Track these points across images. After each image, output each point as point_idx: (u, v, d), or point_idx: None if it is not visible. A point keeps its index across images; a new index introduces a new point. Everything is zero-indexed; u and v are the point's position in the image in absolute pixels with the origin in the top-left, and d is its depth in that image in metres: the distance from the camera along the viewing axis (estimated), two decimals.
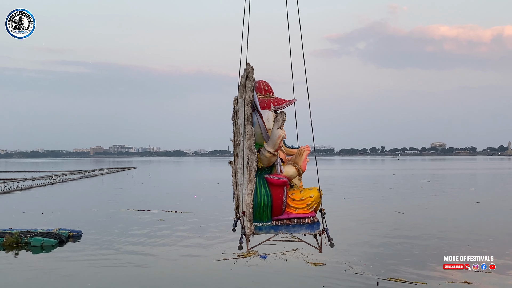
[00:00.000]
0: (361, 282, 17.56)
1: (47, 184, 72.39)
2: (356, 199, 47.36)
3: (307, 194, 7.22)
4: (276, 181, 7.05)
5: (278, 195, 7.04)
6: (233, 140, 8.18)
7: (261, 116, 7.19)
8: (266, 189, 7.03)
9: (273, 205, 7.03)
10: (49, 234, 25.50)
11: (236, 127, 7.87)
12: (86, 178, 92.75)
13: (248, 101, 6.86)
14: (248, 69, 7.04)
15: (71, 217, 35.44)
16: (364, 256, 21.64)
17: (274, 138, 6.92)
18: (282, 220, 7.14)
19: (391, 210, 37.98)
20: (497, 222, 31.55)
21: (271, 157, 7.02)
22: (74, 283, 18.10)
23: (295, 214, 7.15)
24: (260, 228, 7.07)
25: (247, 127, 6.80)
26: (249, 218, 6.83)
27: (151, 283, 17.80)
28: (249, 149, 6.76)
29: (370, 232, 28.12)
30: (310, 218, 7.18)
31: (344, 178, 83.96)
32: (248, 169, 6.76)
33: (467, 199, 46.30)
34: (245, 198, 6.88)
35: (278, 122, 6.98)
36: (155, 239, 26.52)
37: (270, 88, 7.80)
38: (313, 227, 7.19)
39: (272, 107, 7.56)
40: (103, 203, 44.68)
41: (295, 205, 7.16)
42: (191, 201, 45.53)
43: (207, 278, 18.39)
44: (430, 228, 29.27)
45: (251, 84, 6.90)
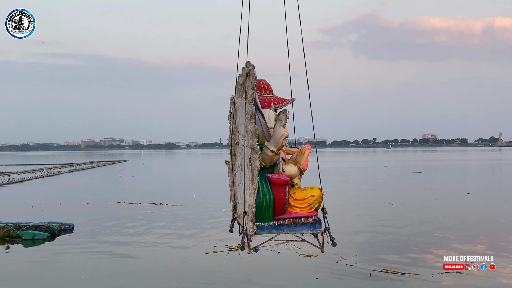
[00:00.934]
0: (354, 273, 17.65)
1: (38, 178, 72.02)
2: (347, 190, 47.52)
3: (308, 193, 7.20)
4: (278, 180, 7.00)
5: (280, 194, 7.00)
6: (231, 139, 8.07)
7: (263, 114, 7.12)
8: (268, 189, 6.97)
9: (275, 205, 6.98)
10: (41, 228, 25.38)
11: (235, 126, 7.77)
12: (77, 171, 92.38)
13: (250, 99, 6.76)
14: (249, 67, 6.95)
15: (62, 210, 35.30)
16: (355, 247, 21.73)
17: (277, 136, 6.88)
18: (284, 219, 7.09)
19: (382, 202, 38.15)
20: (487, 213, 31.81)
21: (273, 156, 6.98)
22: (67, 276, 18.04)
23: (297, 214, 7.12)
24: (262, 228, 7.02)
25: (250, 125, 6.71)
26: (251, 218, 6.76)
27: (144, 276, 17.79)
28: (252, 148, 6.67)
29: (361, 223, 28.25)
30: (312, 218, 7.16)
31: (336, 170, 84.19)
32: (251, 168, 6.68)
33: (458, 190, 46.62)
34: (247, 197, 6.78)
35: (281, 121, 6.93)
36: (147, 231, 26.48)
37: (269, 87, 7.75)
38: (315, 226, 7.18)
39: (272, 105, 7.50)
40: (94, 196, 44.52)
41: (297, 205, 7.13)
42: (182, 194, 45.50)
43: (199, 270, 18.40)
44: (421, 219, 29.46)
45: (253, 82, 6.80)
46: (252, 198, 6.72)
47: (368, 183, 56.32)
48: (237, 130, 7.60)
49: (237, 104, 7.64)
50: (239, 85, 7.51)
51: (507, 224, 27.34)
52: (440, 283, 16.41)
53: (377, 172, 79.41)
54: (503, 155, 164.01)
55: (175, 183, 59.73)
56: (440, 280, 16.59)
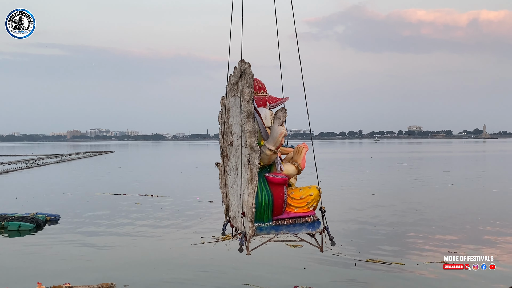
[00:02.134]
0: (340, 263, 17.86)
1: (24, 168, 71.38)
2: (332, 181, 47.85)
3: (307, 193, 7.15)
4: (277, 180, 6.91)
5: (279, 194, 6.91)
6: (222, 141, 7.93)
7: (259, 113, 7.04)
8: (267, 188, 6.88)
9: (274, 205, 6.89)
10: (26, 219, 25.24)
11: (227, 127, 7.62)
12: (63, 162, 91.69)
13: (247, 98, 6.64)
14: (244, 65, 6.83)
15: (48, 201, 35.11)
16: (339, 237, 21.96)
17: (275, 135, 6.80)
18: (282, 220, 7.03)
19: (366, 193, 38.54)
20: (468, 203, 32.30)
21: (271, 155, 6.90)
22: (54, 267, 18.00)
23: (295, 213, 7.05)
24: (261, 228, 6.95)
25: (249, 124, 6.59)
26: (251, 219, 6.68)
27: (131, 267, 17.81)
28: (251, 147, 6.56)
29: (346, 213, 28.51)
30: (310, 217, 7.12)
31: (322, 161, 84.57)
32: (250, 167, 6.57)
33: (441, 181, 47.18)
34: (246, 198, 6.68)
35: (279, 119, 6.86)
36: (133, 223, 26.46)
37: (264, 86, 7.63)
38: (314, 226, 7.12)
39: (268, 105, 7.40)
40: (80, 187, 44.32)
41: (295, 204, 7.07)
42: (168, 186, 45.43)
43: (187, 261, 18.47)
44: (404, 210, 29.85)
45: (250, 80, 6.69)
46: (251, 198, 6.62)
47: (353, 174, 56.72)
48: (230, 130, 7.48)
49: (230, 104, 7.50)
50: (231, 85, 7.41)
51: (488, 214, 27.74)
52: (425, 273, 16.68)
53: (363, 163, 79.96)
54: (487, 147, 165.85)
55: (161, 174, 59.61)
56: (425, 270, 16.87)
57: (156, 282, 15.88)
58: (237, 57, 7.35)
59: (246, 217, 6.75)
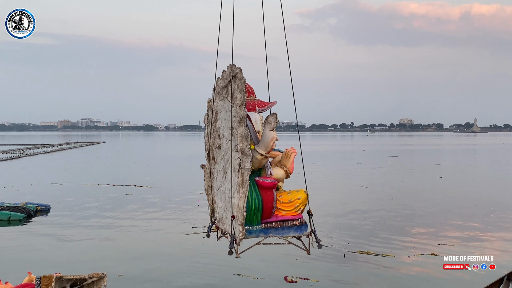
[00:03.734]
0: (331, 254, 17.99)
1: (14, 158, 70.96)
2: (323, 173, 48.05)
3: (295, 196, 7.24)
4: (267, 184, 7.02)
5: (268, 197, 7.01)
6: (208, 143, 7.98)
7: (250, 118, 7.09)
8: (256, 192, 6.98)
9: (264, 208, 7.00)
10: (16, 208, 25.15)
11: (214, 129, 7.67)
12: (53, 152, 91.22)
13: (239, 103, 6.68)
14: (235, 70, 6.85)
15: (38, 191, 34.97)
16: (328, 228, 22.13)
17: (266, 140, 6.89)
18: (271, 223, 7.13)
19: (356, 185, 38.76)
20: (457, 196, 32.63)
21: (262, 159, 6.98)
22: (44, 256, 17.99)
23: (284, 217, 7.16)
24: (250, 232, 7.04)
25: (240, 129, 6.66)
26: (241, 222, 6.77)
27: (123, 256, 17.86)
28: (242, 152, 6.63)
29: (335, 205, 28.69)
30: (298, 220, 7.21)
31: (314, 153, 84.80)
32: (241, 171, 6.64)
33: (432, 174, 47.48)
34: (236, 201, 6.76)
35: (270, 124, 6.95)
36: (124, 213, 26.47)
37: (253, 90, 7.64)
38: (301, 229, 7.23)
39: (257, 109, 7.44)
40: (70, 178, 44.16)
41: (284, 208, 7.17)
42: (159, 176, 45.37)
43: (179, 251, 18.53)
44: (394, 202, 30.09)
45: (242, 85, 6.73)
46: (242, 202, 6.69)
47: (344, 167, 56.94)
48: (218, 133, 7.53)
49: (218, 107, 7.55)
50: (219, 88, 7.45)
51: (477, 207, 28.01)
52: (414, 264, 16.84)
53: (354, 156, 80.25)
54: (477, 141, 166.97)
55: (152, 165, 59.53)
56: (415, 262, 17.03)
57: (149, 272, 15.93)
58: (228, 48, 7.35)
59: (236, 220, 6.85)
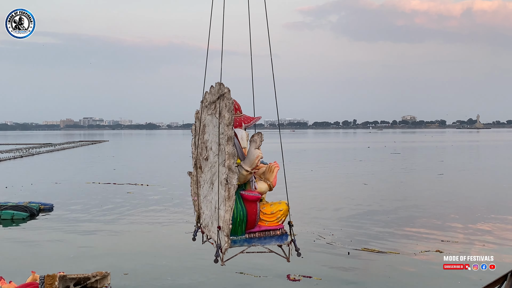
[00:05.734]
0: (334, 252, 18.04)
1: (17, 157, 71.13)
2: (324, 171, 48.08)
3: (277, 208, 7.65)
4: (251, 197, 7.44)
5: (252, 210, 7.43)
6: (195, 153, 8.32)
7: (236, 135, 7.48)
8: (241, 205, 7.37)
9: (248, 220, 7.42)
10: (20, 207, 25.23)
11: (202, 141, 8.05)
12: (56, 151, 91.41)
13: (227, 122, 7.01)
14: (224, 90, 7.16)
15: (41, 190, 35.06)
16: (331, 226, 22.17)
17: (252, 158, 7.29)
18: (254, 233, 7.54)
19: (357, 182, 38.78)
20: (460, 193, 32.59)
21: (247, 175, 7.40)
22: (48, 255, 18.05)
23: (266, 227, 7.59)
24: (235, 241, 7.40)
25: (228, 147, 7.01)
26: (227, 234, 7.14)
27: (127, 255, 17.93)
28: (229, 168, 7.00)
29: (337, 203, 28.75)
30: (279, 230, 7.60)
31: (316, 150, 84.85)
32: (227, 187, 7.02)
33: (435, 171, 47.33)
34: (222, 213, 7.12)
35: (256, 143, 7.29)
36: (126, 211, 26.54)
37: (239, 107, 7.97)
38: (282, 238, 7.64)
39: (243, 125, 7.82)
40: (73, 177, 44.27)
41: (266, 218, 7.60)
42: (161, 175, 45.42)
43: (182, 249, 18.54)
44: (396, 199, 30.12)
45: (229, 105, 7.05)
46: (229, 215, 7.07)
47: (346, 164, 56.91)
48: (206, 145, 7.91)
49: (206, 121, 7.91)
50: (206, 102, 7.79)
51: (480, 204, 27.99)
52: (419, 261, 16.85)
53: (357, 153, 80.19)
54: (480, 137, 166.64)
55: (155, 164, 59.64)
56: (420, 259, 17.04)
57: (155, 270, 15.99)
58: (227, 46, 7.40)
59: (222, 231, 7.21)
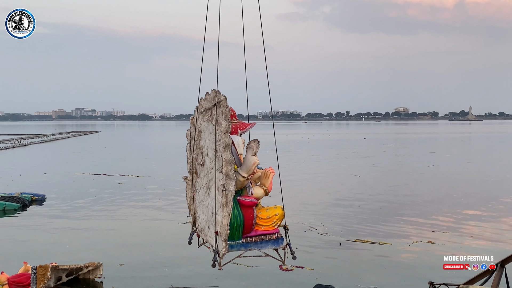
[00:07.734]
0: (326, 243, 18.19)
1: (8, 148, 70.79)
2: (316, 162, 48.25)
3: (272, 213, 7.82)
4: (248, 203, 7.58)
5: (249, 215, 7.58)
6: (191, 158, 8.41)
7: (233, 142, 7.55)
8: (238, 210, 7.51)
9: (245, 225, 7.58)
10: (11, 198, 25.17)
11: (198, 146, 8.16)
12: (48, 142, 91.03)
13: (225, 130, 7.10)
14: (220, 97, 7.25)
15: (33, 181, 34.97)
16: (322, 217, 22.31)
17: (249, 164, 7.44)
18: (251, 237, 7.71)
19: (348, 173, 38.92)
20: (450, 185, 32.88)
21: (244, 181, 7.54)
22: (40, 246, 18.05)
23: (262, 231, 7.75)
24: (232, 246, 7.56)
25: (225, 154, 7.11)
26: (224, 239, 7.25)
27: (121, 246, 17.99)
28: (226, 175, 7.11)
29: (327, 194, 28.92)
30: (275, 234, 7.81)
31: (309, 142, 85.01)
32: (225, 193, 7.14)
33: (426, 162, 47.60)
34: (220, 219, 7.27)
35: (252, 149, 7.47)
36: (118, 202, 26.55)
37: (234, 113, 8.09)
38: (278, 242, 7.83)
39: (239, 131, 7.92)
40: (64, 167, 44.16)
41: (262, 223, 7.76)
42: (150, 166, 45.38)
43: (177, 240, 18.57)
44: (385, 190, 30.33)
45: (226, 113, 7.14)
46: (226, 220, 7.19)
47: (338, 155, 57.10)
48: (202, 151, 8.02)
49: (202, 127, 8.00)
50: (202, 108, 7.90)
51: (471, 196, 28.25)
52: (412, 252, 17.01)
53: (350, 144, 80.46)
54: (472, 129, 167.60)
55: (147, 155, 59.58)
56: (413, 249, 17.20)
57: (150, 261, 16.05)
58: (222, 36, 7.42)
59: (219, 236, 7.35)
